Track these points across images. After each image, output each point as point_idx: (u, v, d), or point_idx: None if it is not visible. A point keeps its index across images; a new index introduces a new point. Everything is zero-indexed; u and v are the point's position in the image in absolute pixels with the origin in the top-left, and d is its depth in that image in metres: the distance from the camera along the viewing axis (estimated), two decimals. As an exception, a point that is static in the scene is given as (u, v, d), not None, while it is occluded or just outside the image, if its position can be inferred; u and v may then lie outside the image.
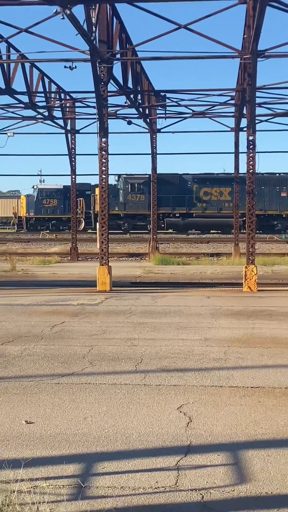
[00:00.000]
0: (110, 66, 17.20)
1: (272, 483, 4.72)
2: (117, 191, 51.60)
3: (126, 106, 24.15)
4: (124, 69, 20.21)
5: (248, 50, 16.41)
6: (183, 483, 4.72)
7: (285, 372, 8.03)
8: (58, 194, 53.84)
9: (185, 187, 50.23)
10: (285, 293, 16.48)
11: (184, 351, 9.24)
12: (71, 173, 29.52)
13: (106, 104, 17.57)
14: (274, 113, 27.14)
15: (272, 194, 49.63)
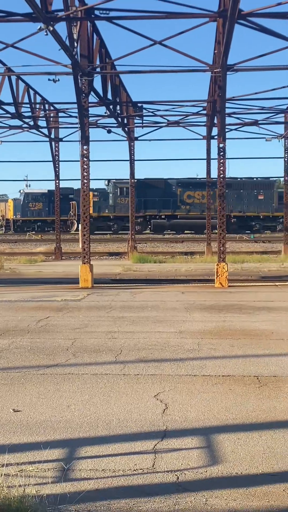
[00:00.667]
0: (91, 79, 17.15)
1: (241, 464, 4.73)
2: (107, 195, 51.92)
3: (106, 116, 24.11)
4: (104, 81, 20.17)
5: (219, 64, 16.45)
6: (159, 465, 4.72)
7: (254, 361, 8.06)
8: (43, 198, 53.58)
9: (170, 191, 50.67)
10: (254, 288, 16.55)
11: (161, 343, 9.24)
12: (55, 178, 29.42)
13: (87, 114, 17.51)
14: (243, 122, 27.26)
15: (250, 197, 50.38)
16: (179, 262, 25.79)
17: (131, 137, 29.06)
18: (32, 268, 23.65)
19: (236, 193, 50.40)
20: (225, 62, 15.87)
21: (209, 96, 23.58)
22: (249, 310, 12.49)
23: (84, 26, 16.29)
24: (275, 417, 5.82)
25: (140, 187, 49.66)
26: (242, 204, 50.22)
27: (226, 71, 16.35)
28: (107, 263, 25.92)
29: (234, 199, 49.99)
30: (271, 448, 5.04)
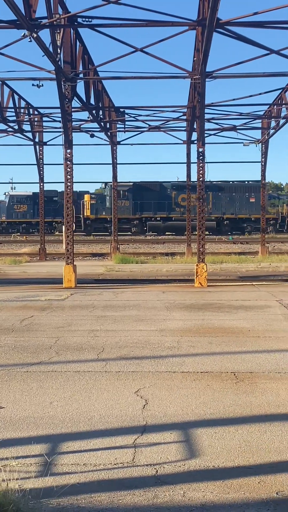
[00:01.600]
0: (74, 84, 17.13)
1: (218, 457, 4.76)
2: (104, 197, 52.04)
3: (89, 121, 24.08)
4: (87, 87, 20.16)
5: (198, 71, 16.51)
6: (139, 459, 4.73)
7: (231, 358, 8.10)
8: (28, 200, 53.39)
9: (165, 193, 51.03)
10: (232, 288, 16.63)
11: (142, 341, 9.25)
12: (39, 181, 29.31)
13: (71, 119, 17.48)
14: (221, 127, 27.39)
15: (242, 200, 50.91)
16: (160, 263, 25.82)
17: (113, 141, 29.07)
18: (16, 268, 23.54)
19: (229, 196, 50.97)
20: (204, 69, 15.94)
21: (189, 102, 23.66)
22: (227, 309, 12.54)
23: (67, 33, 16.28)
24: (251, 412, 5.86)
25: (136, 190, 50.03)
26: (234, 206, 50.82)
27: (205, 78, 16.42)
28: (91, 264, 25.89)
29: (226, 201, 50.54)
30: (247, 442, 5.07)
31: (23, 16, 12.67)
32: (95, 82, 21.17)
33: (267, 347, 8.83)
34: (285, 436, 5.20)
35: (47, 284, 17.50)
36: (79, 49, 17.74)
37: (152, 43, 16.20)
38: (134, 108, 25.03)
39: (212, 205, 50.94)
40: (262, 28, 14.39)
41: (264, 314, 11.87)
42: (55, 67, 15.69)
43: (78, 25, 15.34)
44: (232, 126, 27.32)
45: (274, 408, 5.98)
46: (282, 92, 23.38)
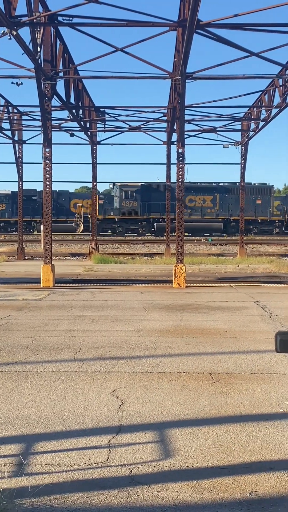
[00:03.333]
0: (54, 83, 17.07)
1: (193, 457, 4.77)
2: (112, 198, 52.11)
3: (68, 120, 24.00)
4: (67, 86, 20.10)
5: (178, 72, 16.55)
6: (114, 459, 4.72)
7: (207, 358, 8.13)
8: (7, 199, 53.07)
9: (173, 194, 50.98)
10: (210, 289, 16.69)
11: (119, 341, 9.24)
12: (18, 179, 29.15)
13: (50, 118, 17.41)
14: (201, 129, 27.48)
15: (249, 202, 51.16)
16: (139, 263, 25.83)
17: (93, 141, 29.02)
18: (-6, 267, 23.36)
19: (235, 198, 51.24)
20: (184, 70, 15.98)
21: (169, 103, 23.71)
22: (205, 310, 12.59)
23: (48, 32, 16.22)
24: (226, 412, 5.88)
25: (144, 191, 50.27)
26: None
27: (185, 79, 16.47)
28: (69, 264, 25.81)
29: (233, 203, 50.94)
30: (222, 442, 5.09)
31: (3, 13, 12.59)
32: (75, 81, 21.12)
33: (244, 348, 8.88)
34: (259, 437, 5.23)
35: (25, 284, 17.40)
36: (59, 48, 17.69)
37: (133, 43, 16.23)
38: (114, 108, 25.02)
39: (219, 206, 51.53)
40: (242, 30, 14.46)
41: (242, 315, 11.94)
42: (34, 65, 15.62)
43: (58, 24, 15.30)
44: (212, 128, 27.44)
45: (249, 408, 6.01)
46: (261, 94, 23.55)
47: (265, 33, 14.74)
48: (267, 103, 23.03)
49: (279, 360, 8.02)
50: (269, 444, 5.05)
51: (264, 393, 6.54)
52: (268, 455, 4.82)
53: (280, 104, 21.46)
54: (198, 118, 25.53)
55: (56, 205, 50.00)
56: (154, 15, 14.29)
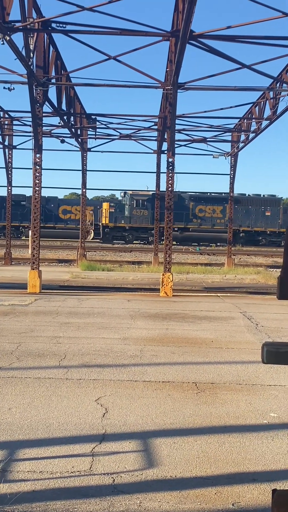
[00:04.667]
0: (46, 89, 17.06)
1: (176, 467, 4.76)
2: (123, 206, 52.09)
3: (59, 126, 23.97)
4: (59, 92, 20.10)
5: (170, 82, 16.60)
6: (96, 467, 4.70)
7: (193, 368, 8.13)
8: (-5, 204, 52.84)
9: (183, 204, 51.58)
10: (197, 298, 16.70)
11: (105, 349, 9.22)
12: (7, 184, 29.06)
13: (41, 124, 17.40)
14: (192, 139, 27.56)
15: (258, 213, 51.78)
16: (127, 271, 25.80)
17: (84, 148, 29.01)
18: (-19, 272, 23.23)
19: (245, 209, 51.80)
20: (176, 80, 16.03)
21: (161, 112, 23.77)
22: (191, 319, 12.59)
23: (41, 38, 16.23)
24: (210, 423, 5.87)
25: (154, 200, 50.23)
26: (250, 219, 51.90)
27: (177, 89, 16.53)
28: (56, 270, 25.72)
29: (242, 214, 51.29)
30: (205, 453, 5.08)
31: (-3, 18, 12.59)
32: (67, 88, 21.13)
33: (229, 358, 8.88)
34: (243, 448, 5.23)
35: (11, 289, 17.32)
36: (52, 54, 17.69)
37: (126, 52, 16.23)
38: (105, 115, 25.04)
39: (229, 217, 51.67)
40: (235, 42, 14.54)
41: (228, 325, 11.95)
42: (27, 71, 15.61)
43: (52, 30, 15.30)
44: (202, 138, 27.52)
45: (233, 419, 6.01)
46: (252, 106, 23.68)
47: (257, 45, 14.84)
48: (258, 115, 23.16)
49: (264, 371, 8.03)
50: (253, 456, 5.05)
51: (249, 404, 6.54)
52: (251, 466, 4.81)
53: (270, 116, 21.58)
54: (188, 128, 25.61)
55: (44, 211, 49.95)
56: (148, 24, 14.36)
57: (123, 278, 22.29)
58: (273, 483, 4.50)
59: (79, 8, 13.74)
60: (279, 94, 20.11)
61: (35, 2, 14.81)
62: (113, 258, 34.73)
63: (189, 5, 11.33)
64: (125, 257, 35.33)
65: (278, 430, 5.72)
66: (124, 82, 18.00)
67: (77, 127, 25.81)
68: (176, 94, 16.54)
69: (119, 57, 16.24)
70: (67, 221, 53.17)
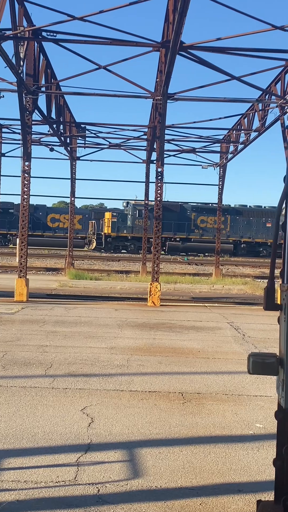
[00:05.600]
0: (35, 97, 17.09)
1: (161, 478, 4.75)
2: (125, 216, 52.14)
3: (49, 135, 24.03)
4: (48, 101, 20.14)
5: (160, 92, 16.69)
6: (81, 477, 4.68)
7: (179, 378, 8.13)
8: (-17, 211, 52.69)
9: (185, 215, 51.91)
10: (184, 308, 16.72)
11: (91, 358, 9.20)
12: (-4, 192, 29.01)
13: (30, 132, 17.41)
14: (181, 149, 27.69)
15: (259, 225, 52.16)
16: (115, 280, 25.79)
17: (73, 157, 29.05)
18: None
19: (246, 220, 52.19)
20: (166, 90, 16.12)
21: (150, 122, 23.87)
22: (178, 329, 12.59)
23: (31, 46, 16.27)
24: (196, 433, 5.87)
25: None
26: (251, 230, 52.38)
27: (167, 99, 16.62)
28: (44, 278, 25.65)
29: (244, 225, 51.68)
30: (191, 463, 5.08)
31: (-13, 26, 12.62)
32: (57, 96, 21.18)
33: (216, 368, 8.89)
34: (228, 458, 5.23)
35: (-2, 297, 17.23)
36: (42, 63, 17.74)
37: (116, 61, 16.34)
38: (95, 124, 25.11)
39: (230, 228, 52.15)
40: (225, 53, 14.68)
41: (215, 335, 11.97)
42: (17, 79, 15.63)
43: (42, 39, 15.35)
44: (191, 149, 27.66)
45: (219, 429, 6.01)
46: (241, 118, 23.85)
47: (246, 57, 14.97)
48: (247, 127, 23.33)
49: (250, 382, 8.05)
50: (238, 466, 5.05)
51: (235, 414, 6.55)
52: (236, 477, 4.82)
53: (259, 128, 21.75)
54: (178, 138, 25.74)
55: (32, 219, 49.89)
56: (138, 35, 14.44)
57: (111, 287, 22.27)
58: (258, 494, 4.50)
59: (70, 17, 13.81)
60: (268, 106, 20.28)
61: (26, 10, 14.86)
62: (101, 267, 34.70)
63: (179, 17, 11.42)
64: (113, 266, 35.31)
65: (264, 440, 5.74)
66: (114, 91, 18.07)
67: (67, 136, 25.86)
68: (165, 105, 16.63)
69: (109, 66, 16.34)
70: (55, 229, 53.15)
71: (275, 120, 20.07)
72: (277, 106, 19.08)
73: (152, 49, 15.18)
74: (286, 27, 13.50)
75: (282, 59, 15.57)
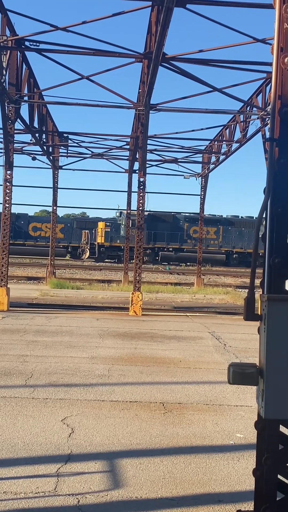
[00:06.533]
0: (18, 106, 17.07)
1: (142, 488, 4.73)
2: (118, 226, 52.07)
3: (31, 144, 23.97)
4: (31, 110, 20.12)
5: (142, 102, 16.77)
6: (61, 488, 4.65)
7: (161, 388, 8.12)
8: None
9: (178, 225, 52.12)
10: (166, 318, 16.73)
11: (72, 368, 9.16)
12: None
13: (13, 141, 17.37)
14: (163, 159, 27.81)
15: (251, 235, 52.39)
16: (96, 289, 25.74)
17: (55, 166, 29.03)
18: None
19: (238, 231, 52.51)
20: (148, 101, 16.20)
21: (133, 132, 23.95)
22: (160, 339, 12.59)
23: (14, 56, 16.27)
24: (177, 443, 5.87)
25: (151, 220, 50.76)
26: (243, 241, 52.66)
27: (149, 110, 16.70)
28: (25, 287, 25.52)
29: (236, 236, 51.99)
30: (171, 473, 5.07)
31: None
32: (39, 105, 21.17)
33: (197, 378, 8.90)
34: (209, 468, 5.23)
35: (-21, 306, 17.09)
36: (25, 72, 17.74)
37: (99, 72, 16.39)
38: (77, 134, 25.13)
39: (222, 238, 52.40)
40: (207, 65, 14.80)
41: (196, 345, 11.98)
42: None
43: (25, 48, 15.37)
44: (173, 159, 27.79)
45: (200, 440, 6.01)
46: (223, 129, 24.02)
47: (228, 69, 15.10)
48: (228, 138, 23.49)
49: (231, 392, 8.07)
50: (219, 476, 5.06)
51: (216, 424, 6.56)
52: (217, 487, 4.82)
53: (240, 139, 21.92)
54: (160, 149, 25.87)
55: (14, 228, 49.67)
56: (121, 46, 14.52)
57: (93, 296, 22.22)
58: (238, 504, 4.51)
59: (53, 27, 13.84)
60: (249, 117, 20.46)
61: (8, 20, 14.86)
62: (83, 276, 34.61)
63: (161, 28, 11.50)
64: (95, 275, 35.24)
65: (244, 450, 5.75)
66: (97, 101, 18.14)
67: (49, 145, 25.84)
68: (148, 115, 16.71)
69: (92, 76, 16.38)
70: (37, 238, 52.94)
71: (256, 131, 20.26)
72: (258, 117, 19.27)
73: (134, 60, 15.26)
74: (267, 39, 13.65)
75: (263, 71, 15.73)
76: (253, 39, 13.70)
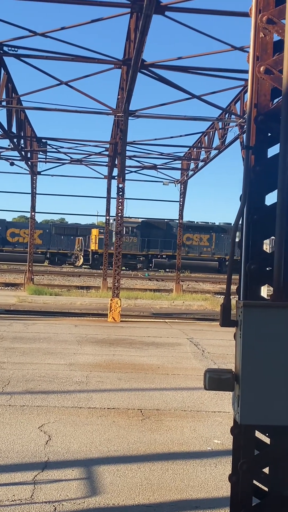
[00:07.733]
0: (-4, 111, 17.01)
1: (119, 495, 4.73)
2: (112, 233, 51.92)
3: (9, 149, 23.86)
4: (9, 115, 20.05)
5: (121, 109, 16.81)
6: (38, 496, 4.63)
7: (139, 394, 8.12)
8: None
9: (171, 232, 52.00)
10: (145, 324, 16.73)
11: (50, 375, 9.12)
12: None
13: (-9, 146, 17.29)
14: (142, 165, 27.88)
15: None
16: (75, 296, 25.65)
17: (34, 171, 28.94)
18: None
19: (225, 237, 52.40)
20: (127, 107, 16.25)
21: (112, 138, 23.98)
22: (138, 345, 12.59)
23: (-8, 61, 16.21)
24: (154, 450, 5.88)
25: (144, 228, 50.78)
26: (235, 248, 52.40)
27: (128, 116, 16.74)
28: (2, 294, 25.35)
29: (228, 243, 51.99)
30: (148, 480, 5.08)
31: None
32: (18, 111, 21.11)
33: (175, 384, 8.92)
34: (186, 475, 5.25)
35: None
36: (3, 77, 17.66)
37: (78, 77, 16.41)
38: (56, 139, 25.06)
39: (215, 246, 52.57)
40: (186, 72, 14.90)
41: (175, 351, 12.01)
42: (-23, 93, 15.55)
43: (3, 54, 15.32)
44: (153, 165, 27.87)
45: (177, 446, 6.03)
46: (202, 136, 24.16)
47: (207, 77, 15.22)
48: (207, 145, 23.63)
49: (209, 398, 8.10)
50: (196, 483, 5.07)
51: (193, 430, 6.58)
52: (194, 494, 4.83)
53: (219, 146, 22.06)
54: (139, 155, 25.93)
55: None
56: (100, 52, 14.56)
57: (71, 302, 22.15)
58: (215, 510, 4.53)
59: (32, 33, 13.84)
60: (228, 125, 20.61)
61: (-13, 25, 14.82)
62: (61, 282, 34.48)
63: (140, 35, 11.56)
64: (74, 282, 35.13)
65: (221, 456, 5.77)
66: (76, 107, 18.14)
67: (27, 150, 25.76)
68: (127, 121, 16.75)
69: (71, 82, 16.39)
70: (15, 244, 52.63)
71: (235, 138, 20.39)
72: (236, 125, 19.41)
73: (113, 66, 15.30)
74: (245, 47, 13.79)
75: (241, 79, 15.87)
76: (231, 47, 13.83)
